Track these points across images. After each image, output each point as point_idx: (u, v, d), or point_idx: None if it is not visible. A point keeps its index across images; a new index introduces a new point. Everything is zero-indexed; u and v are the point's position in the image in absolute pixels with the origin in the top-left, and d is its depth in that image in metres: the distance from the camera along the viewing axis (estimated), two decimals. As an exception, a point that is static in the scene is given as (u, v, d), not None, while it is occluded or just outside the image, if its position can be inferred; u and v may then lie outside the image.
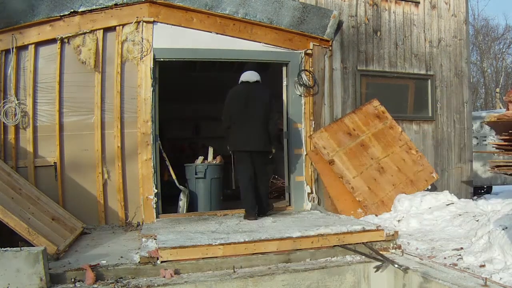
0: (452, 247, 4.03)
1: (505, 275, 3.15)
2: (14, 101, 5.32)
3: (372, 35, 6.84)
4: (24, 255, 3.18)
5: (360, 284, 3.82)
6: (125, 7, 5.61)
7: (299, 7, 6.20)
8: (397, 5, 7.03)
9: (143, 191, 5.61)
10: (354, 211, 5.68)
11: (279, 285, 3.56)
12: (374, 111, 6.54)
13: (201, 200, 6.29)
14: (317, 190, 6.35)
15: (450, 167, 7.25)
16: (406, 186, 6.05)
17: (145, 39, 5.68)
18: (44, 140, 5.44)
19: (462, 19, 7.45)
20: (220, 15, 5.94)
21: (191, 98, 9.75)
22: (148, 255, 3.62)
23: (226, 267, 3.71)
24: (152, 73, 5.68)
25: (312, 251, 4.04)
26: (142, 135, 5.64)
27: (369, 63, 6.80)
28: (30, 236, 3.75)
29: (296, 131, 6.40)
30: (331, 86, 6.53)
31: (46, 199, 4.96)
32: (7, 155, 5.32)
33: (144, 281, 3.40)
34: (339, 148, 6.11)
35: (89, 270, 3.38)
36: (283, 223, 4.90)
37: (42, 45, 5.48)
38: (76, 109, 5.54)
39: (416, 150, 6.44)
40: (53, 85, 5.47)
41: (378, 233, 4.27)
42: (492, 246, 3.55)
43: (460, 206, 5.21)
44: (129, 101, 5.65)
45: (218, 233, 4.31)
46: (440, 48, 7.27)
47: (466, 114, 7.42)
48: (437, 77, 7.24)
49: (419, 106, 7.24)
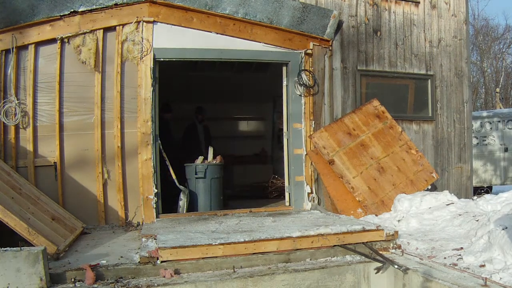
0: (452, 247, 4.03)
1: (505, 275, 3.15)
2: (14, 101, 5.32)
3: (372, 35, 6.85)
4: (24, 255, 3.18)
5: (360, 284, 3.82)
6: (125, 7, 5.61)
7: (299, 7, 6.19)
8: (397, 5, 7.03)
9: (143, 191, 5.60)
10: (354, 211, 5.68)
11: (279, 285, 3.56)
12: (374, 111, 6.54)
13: (201, 200, 6.29)
14: (317, 190, 6.36)
15: (450, 167, 7.25)
16: (406, 186, 6.05)
17: (145, 39, 5.68)
18: (44, 140, 5.44)
19: (462, 19, 7.45)
20: (220, 15, 5.94)
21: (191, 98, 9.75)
22: (148, 255, 3.62)
23: (226, 267, 3.71)
24: (152, 73, 5.68)
25: (312, 251, 4.04)
26: (142, 135, 5.64)
27: (369, 63, 6.80)
28: (30, 236, 3.75)
29: (296, 131, 6.39)
30: (331, 86, 6.53)
31: (46, 199, 4.96)
32: (7, 155, 5.32)
33: (144, 281, 3.40)
34: (339, 148, 6.11)
35: (89, 270, 3.38)
36: (283, 223, 4.90)
37: (42, 45, 5.48)
38: (76, 109, 5.54)
39: (416, 150, 6.45)
40: (53, 85, 5.47)
41: (378, 233, 4.27)
42: (492, 246, 3.55)
43: (460, 206, 5.21)
44: (129, 101, 5.65)
45: (218, 233, 4.31)
46: (440, 48, 7.27)
47: (466, 114, 7.42)
48: (437, 77, 7.24)
49: (419, 106, 7.25)
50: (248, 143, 10.33)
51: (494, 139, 11.20)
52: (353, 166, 6.01)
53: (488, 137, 11.28)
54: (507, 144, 11.05)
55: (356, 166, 6.03)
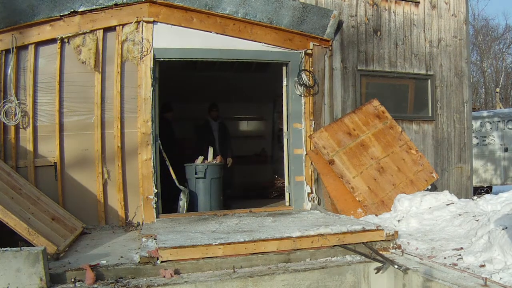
0: (452, 247, 4.02)
1: (505, 275, 3.15)
2: (14, 101, 5.32)
3: (372, 35, 6.85)
4: (24, 255, 3.19)
5: (360, 284, 3.82)
6: (125, 7, 5.61)
7: (299, 7, 6.19)
8: (397, 5, 7.03)
9: (143, 191, 5.61)
10: (354, 211, 5.68)
11: (279, 285, 3.56)
12: (374, 111, 6.54)
13: (201, 200, 6.29)
14: (317, 190, 6.36)
15: (450, 167, 7.25)
16: (406, 186, 6.05)
17: (145, 39, 5.68)
18: (44, 140, 5.44)
19: (462, 19, 7.45)
20: (220, 15, 5.94)
21: (191, 98, 9.75)
22: (148, 255, 3.62)
23: (226, 267, 3.71)
24: (152, 73, 5.68)
25: (312, 251, 4.04)
26: (142, 135, 5.64)
27: (369, 63, 6.80)
28: (30, 236, 3.75)
29: (296, 131, 6.39)
30: (331, 86, 6.53)
31: (46, 199, 4.96)
32: (7, 155, 5.32)
33: (144, 281, 3.40)
34: (339, 148, 6.11)
35: (89, 270, 3.38)
36: (283, 223, 4.90)
37: (42, 45, 5.47)
38: (76, 109, 5.54)
39: (416, 150, 6.45)
40: (53, 85, 5.47)
41: (378, 233, 4.27)
42: (492, 246, 3.55)
43: (460, 206, 5.21)
44: (129, 101, 5.65)
45: (218, 233, 4.31)
46: (440, 48, 7.27)
47: (466, 114, 7.42)
48: (437, 77, 7.24)
49: (419, 106, 7.25)
50: (248, 143, 10.33)
51: (494, 139, 11.21)
52: (353, 166, 6.01)
53: (488, 137, 11.29)
54: (507, 144, 11.06)
55: (356, 166, 6.03)
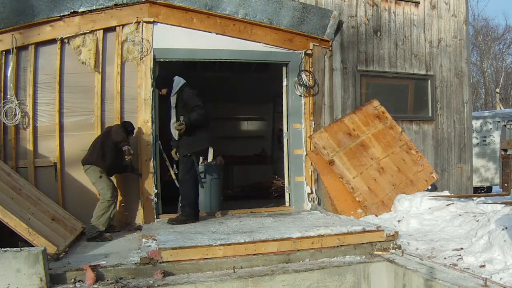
0: (452, 247, 4.02)
1: (505, 275, 3.15)
2: (14, 101, 5.32)
3: (372, 35, 6.85)
4: (24, 255, 3.18)
5: (360, 284, 3.82)
6: (125, 7, 5.61)
7: (299, 8, 6.20)
8: (397, 6, 7.03)
9: (143, 191, 5.61)
10: (354, 211, 5.68)
11: (279, 286, 3.56)
12: (374, 111, 6.54)
13: (201, 200, 6.27)
14: (317, 190, 6.35)
15: (450, 167, 7.25)
16: (406, 186, 6.05)
17: (145, 39, 5.68)
18: (44, 140, 5.44)
19: (462, 19, 7.45)
20: (220, 15, 5.94)
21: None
22: (148, 256, 3.62)
23: (226, 267, 3.71)
24: (152, 73, 5.68)
25: (312, 252, 4.03)
26: (142, 135, 5.64)
27: (369, 63, 6.80)
28: (30, 237, 3.75)
29: (296, 131, 6.39)
30: (331, 86, 6.53)
31: (46, 199, 4.96)
32: (7, 155, 5.32)
33: (144, 282, 3.41)
34: (339, 148, 6.11)
35: (89, 270, 3.38)
36: (283, 223, 4.90)
37: (42, 45, 5.48)
38: (76, 109, 5.54)
39: (416, 150, 6.44)
40: (53, 86, 5.47)
41: (378, 234, 4.27)
42: (492, 246, 3.55)
43: (460, 206, 5.21)
44: (129, 101, 5.66)
45: (218, 234, 4.31)
46: (440, 48, 7.27)
47: (466, 114, 7.42)
48: (437, 77, 7.24)
49: (419, 106, 7.25)
50: (248, 144, 10.33)
51: (495, 139, 11.21)
52: (353, 167, 6.01)
53: (489, 137, 11.29)
54: (507, 144, 11.05)
55: (356, 166, 6.03)
